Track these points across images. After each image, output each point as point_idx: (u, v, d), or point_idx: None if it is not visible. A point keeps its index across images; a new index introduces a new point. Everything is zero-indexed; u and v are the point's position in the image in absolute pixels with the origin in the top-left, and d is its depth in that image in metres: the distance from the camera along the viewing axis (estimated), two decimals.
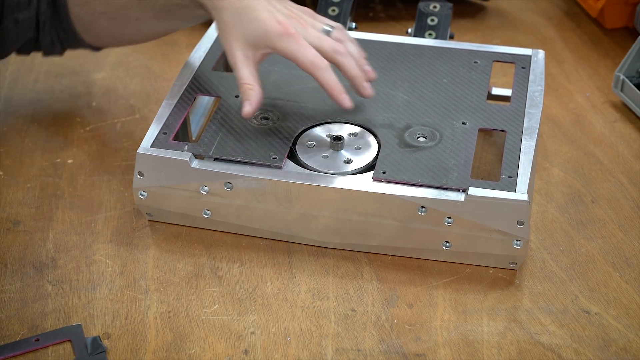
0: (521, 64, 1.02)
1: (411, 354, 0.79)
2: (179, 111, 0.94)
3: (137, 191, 0.90)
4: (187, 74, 1.00)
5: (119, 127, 1.08)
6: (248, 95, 0.88)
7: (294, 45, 0.86)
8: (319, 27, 0.90)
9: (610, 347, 0.79)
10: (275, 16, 0.87)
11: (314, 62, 0.86)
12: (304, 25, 0.88)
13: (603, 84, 1.16)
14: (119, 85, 1.17)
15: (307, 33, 0.87)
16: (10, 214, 0.95)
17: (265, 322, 0.82)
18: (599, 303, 0.83)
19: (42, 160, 1.02)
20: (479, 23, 1.31)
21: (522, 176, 0.85)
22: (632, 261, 0.88)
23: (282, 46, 0.86)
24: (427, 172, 0.86)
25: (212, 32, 1.07)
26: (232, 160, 0.88)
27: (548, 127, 1.08)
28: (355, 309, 0.83)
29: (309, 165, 0.89)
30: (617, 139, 1.06)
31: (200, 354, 0.79)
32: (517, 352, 0.79)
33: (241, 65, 0.88)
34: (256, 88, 0.88)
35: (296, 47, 0.86)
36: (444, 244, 0.86)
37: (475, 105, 0.96)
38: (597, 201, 0.96)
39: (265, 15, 0.86)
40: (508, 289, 0.85)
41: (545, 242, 0.91)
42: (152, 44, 1.26)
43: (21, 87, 1.16)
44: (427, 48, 1.05)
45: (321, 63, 0.86)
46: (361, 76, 0.90)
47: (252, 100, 0.88)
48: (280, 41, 0.86)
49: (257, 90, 0.88)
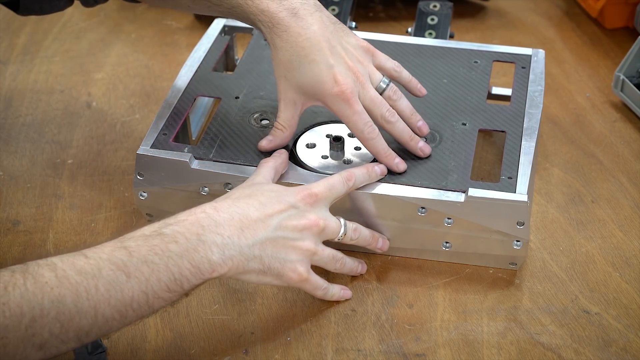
0: (521, 63, 1.02)
1: (411, 354, 0.79)
2: (179, 112, 0.94)
3: (137, 192, 0.90)
4: (187, 75, 1.00)
5: (119, 127, 1.08)
6: (276, 134, 0.88)
7: (347, 111, 0.84)
8: (377, 78, 0.87)
9: (610, 347, 0.79)
10: (334, 73, 0.83)
11: (364, 131, 0.85)
12: (362, 83, 0.85)
13: (603, 84, 1.16)
14: (119, 85, 1.17)
15: (363, 94, 0.85)
16: (10, 214, 0.95)
17: (265, 322, 0.82)
18: (599, 303, 0.83)
19: (42, 160, 1.02)
20: (479, 23, 1.31)
21: (522, 177, 0.85)
22: (632, 261, 0.88)
23: (335, 108, 0.85)
24: (427, 174, 0.86)
25: (212, 32, 1.07)
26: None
27: (548, 127, 1.08)
28: (355, 309, 0.83)
29: (308, 165, 0.89)
30: (617, 139, 1.06)
31: (200, 354, 0.79)
32: (517, 352, 0.79)
33: (285, 107, 0.87)
34: (287, 133, 0.88)
35: (350, 113, 0.84)
36: (444, 245, 0.86)
37: (475, 105, 0.96)
38: (597, 201, 0.96)
39: (325, 71, 0.83)
40: (508, 289, 0.85)
41: (545, 242, 0.91)
42: (152, 44, 1.26)
43: (21, 87, 1.16)
44: (427, 47, 1.05)
45: (371, 134, 0.85)
46: (411, 141, 0.88)
47: (274, 140, 0.88)
48: (334, 102, 0.84)
49: (286, 135, 0.88)
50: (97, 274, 0.67)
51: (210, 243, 0.72)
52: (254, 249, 0.75)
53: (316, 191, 0.80)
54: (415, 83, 0.92)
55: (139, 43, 1.26)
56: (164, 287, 0.70)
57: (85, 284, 0.66)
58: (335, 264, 0.82)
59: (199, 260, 0.71)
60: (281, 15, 0.83)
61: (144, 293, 0.69)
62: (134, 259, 0.69)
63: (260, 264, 0.75)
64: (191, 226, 0.72)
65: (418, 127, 0.90)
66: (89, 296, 0.66)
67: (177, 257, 0.70)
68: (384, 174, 0.85)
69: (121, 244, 0.70)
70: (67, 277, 0.66)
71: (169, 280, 0.70)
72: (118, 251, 0.69)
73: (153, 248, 0.70)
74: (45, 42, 1.26)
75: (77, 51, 1.24)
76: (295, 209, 0.78)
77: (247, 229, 0.75)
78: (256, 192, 0.78)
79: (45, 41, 1.26)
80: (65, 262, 0.67)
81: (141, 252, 0.70)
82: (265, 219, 0.76)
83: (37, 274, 0.65)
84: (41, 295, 0.65)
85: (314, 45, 0.83)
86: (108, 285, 0.67)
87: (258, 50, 1.05)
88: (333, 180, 0.82)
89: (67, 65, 1.21)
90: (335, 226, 0.80)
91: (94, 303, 0.67)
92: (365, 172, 0.84)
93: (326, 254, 0.80)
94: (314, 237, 0.79)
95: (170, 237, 0.71)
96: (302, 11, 0.84)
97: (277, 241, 0.76)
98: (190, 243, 0.71)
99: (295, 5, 0.84)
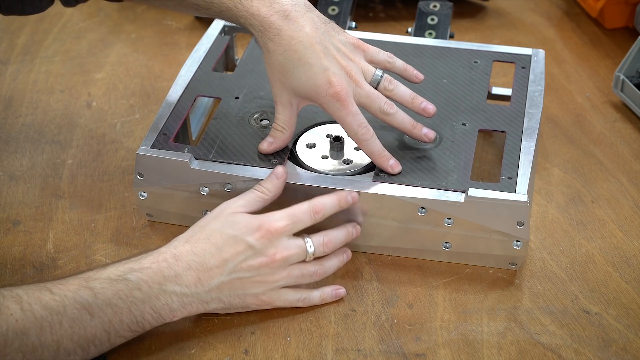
0: (521, 63, 1.02)
1: (411, 354, 0.79)
2: (179, 112, 0.94)
3: (137, 192, 0.90)
4: (187, 75, 1.00)
5: (119, 127, 1.08)
6: (275, 135, 0.88)
7: (342, 112, 0.84)
8: (370, 72, 0.87)
9: (610, 347, 0.79)
10: (328, 75, 0.83)
11: (358, 132, 0.85)
12: (356, 81, 0.85)
13: (603, 84, 1.16)
14: (119, 85, 1.17)
15: (357, 92, 0.85)
16: (10, 214, 0.95)
17: (265, 322, 0.82)
18: (599, 303, 0.83)
19: (42, 160, 1.02)
20: (479, 23, 1.31)
21: (522, 177, 0.85)
22: (632, 261, 0.88)
23: (330, 109, 0.85)
24: (427, 175, 0.86)
25: (212, 32, 1.07)
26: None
27: (548, 127, 1.08)
28: (355, 309, 0.83)
29: (308, 165, 0.89)
30: (617, 139, 1.06)
31: (200, 354, 0.79)
32: (517, 352, 0.79)
33: (282, 108, 0.87)
34: (286, 134, 0.88)
35: (344, 114, 0.84)
36: (444, 245, 0.86)
37: (475, 105, 0.96)
38: (597, 201, 0.96)
39: (319, 74, 0.83)
40: (508, 289, 0.85)
41: (545, 242, 0.91)
42: (152, 44, 1.26)
43: (21, 87, 1.16)
44: (427, 47, 1.05)
45: (365, 135, 0.85)
46: (414, 129, 0.88)
47: (275, 141, 0.88)
48: (329, 104, 0.84)
49: (286, 136, 0.88)
50: (62, 311, 0.71)
51: (170, 292, 0.76)
52: (211, 294, 0.78)
53: (276, 226, 0.79)
54: (410, 70, 0.91)
55: (139, 43, 1.26)
56: (126, 328, 0.75)
57: (49, 320, 0.70)
58: (311, 278, 0.82)
59: (160, 307, 0.76)
60: (272, 19, 0.83)
61: (106, 332, 0.73)
62: (99, 300, 0.73)
63: (220, 303, 0.79)
64: (154, 275, 0.76)
65: (422, 108, 0.89)
66: (52, 331, 0.70)
67: (139, 302, 0.75)
68: (355, 201, 0.84)
69: (86, 283, 0.74)
70: (32, 311, 0.70)
71: (131, 322, 0.75)
72: (83, 291, 0.73)
73: (118, 292, 0.74)
74: (45, 42, 1.26)
75: (77, 51, 1.24)
76: (252, 249, 0.79)
77: (204, 277, 0.78)
78: (215, 233, 0.79)
79: (45, 41, 1.26)
80: (31, 296, 0.70)
81: (106, 294, 0.73)
82: (221, 264, 0.78)
83: (2, 306, 0.69)
84: (5, 327, 0.68)
85: (307, 48, 0.83)
86: (72, 322, 0.71)
87: (258, 50, 1.05)
88: (299, 212, 0.81)
89: (67, 65, 1.21)
90: (298, 252, 0.80)
91: (57, 338, 0.70)
92: (336, 201, 0.83)
93: (294, 275, 0.81)
94: (275, 269, 0.80)
95: (134, 284, 0.75)
96: (293, 13, 0.83)
97: (234, 283, 0.79)
98: (152, 291, 0.75)
99: (287, 8, 0.83)
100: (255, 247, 0.78)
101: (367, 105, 0.86)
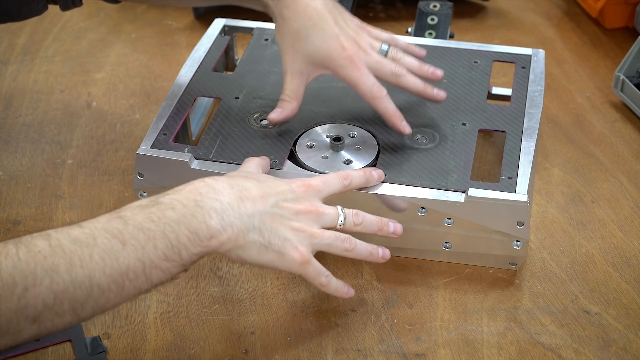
0: (521, 63, 1.02)
1: (411, 354, 0.79)
2: (179, 112, 0.94)
3: (137, 192, 0.90)
4: (187, 75, 1.00)
5: (119, 127, 1.08)
6: (283, 105, 0.90)
7: (356, 74, 0.88)
8: (377, 46, 0.91)
9: (610, 347, 0.79)
10: (341, 41, 0.87)
11: (373, 91, 0.88)
12: (365, 49, 0.89)
13: (603, 84, 1.16)
14: (119, 85, 1.17)
15: (368, 58, 0.89)
16: (10, 214, 0.95)
17: (265, 322, 0.82)
18: (599, 303, 0.83)
19: (42, 160, 1.02)
20: (479, 23, 1.31)
21: (522, 177, 0.85)
22: (632, 261, 0.88)
23: (344, 73, 0.88)
24: (427, 175, 0.86)
25: (212, 32, 1.07)
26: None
27: (548, 127, 1.08)
28: (355, 309, 0.83)
29: (308, 165, 0.89)
30: (617, 139, 1.06)
31: (200, 354, 0.79)
32: (517, 352, 0.79)
33: (292, 77, 0.89)
34: (294, 104, 0.90)
35: (358, 76, 0.88)
36: (444, 245, 0.86)
37: (475, 105, 0.96)
38: (597, 201, 0.96)
39: (332, 39, 0.87)
40: (508, 289, 0.85)
41: (545, 242, 0.91)
42: (152, 44, 1.26)
43: (21, 87, 1.16)
44: (427, 47, 1.04)
45: (380, 93, 0.88)
46: (426, 89, 0.92)
47: (283, 111, 0.90)
48: (343, 68, 0.88)
49: (294, 106, 0.90)
50: (92, 243, 0.65)
51: (209, 208, 0.70)
52: (253, 219, 0.73)
53: (311, 182, 0.80)
54: (413, 48, 0.96)
55: (139, 43, 1.26)
56: (161, 255, 0.67)
57: (79, 253, 0.64)
58: (342, 244, 0.78)
59: (197, 226, 0.69)
60: None
61: (140, 261, 0.66)
62: (130, 227, 0.67)
63: (260, 236, 0.73)
64: (189, 194, 0.71)
65: (431, 73, 0.93)
66: (83, 265, 0.64)
67: (174, 223, 0.68)
68: (381, 179, 0.85)
69: (117, 214, 0.68)
70: (61, 246, 0.64)
71: (166, 248, 0.68)
72: (114, 220, 0.67)
73: (149, 215, 0.68)
74: (45, 42, 1.26)
75: (77, 51, 1.24)
76: (292, 192, 0.77)
77: (247, 199, 0.73)
78: (252, 175, 0.78)
79: (45, 41, 1.26)
80: (60, 232, 0.65)
81: (137, 219, 0.68)
82: (264, 195, 0.75)
83: (30, 244, 0.64)
84: (34, 264, 0.62)
85: (320, 15, 0.87)
86: (103, 253, 0.65)
87: (258, 50, 1.05)
88: (329, 177, 0.82)
89: (67, 65, 1.21)
90: (332, 213, 0.79)
91: (89, 272, 0.64)
92: (362, 175, 0.84)
93: (327, 235, 0.77)
94: (311, 222, 0.77)
95: (167, 205, 0.69)
96: None
97: (275, 218, 0.75)
98: (187, 209, 0.69)
99: None
100: (295, 191, 0.77)
101: (378, 70, 0.89)
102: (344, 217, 0.79)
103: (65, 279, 0.63)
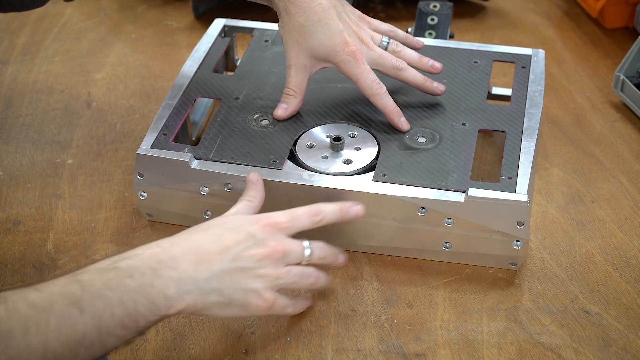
0: (521, 63, 1.02)
1: (411, 354, 0.79)
2: (179, 112, 0.94)
3: (137, 192, 0.90)
4: (187, 75, 1.00)
5: (119, 127, 1.08)
6: (288, 100, 0.93)
7: (357, 69, 0.90)
8: (378, 39, 0.94)
9: (610, 347, 0.79)
10: (344, 36, 0.90)
11: (373, 87, 0.91)
12: (368, 44, 0.92)
13: (603, 84, 1.16)
14: (119, 85, 1.17)
15: (370, 53, 0.92)
16: (10, 214, 0.95)
17: (265, 322, 0.82)
18: (599, 303, 0.83)
19: (42, 160, 1.02)
20: (479, 23, 1.31)
21: (522, 177, 0.85)
22: (632, 261, 0.88)
23: (346, 68, 0.90)
24: (427, 175, 0.86)
25: (212, 32, 1.07)
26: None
27: (548, 127, 1.08)
28: (355, 309, 0.83)
29: (308, 165, 0.89)
30: (617, 139, 1.06)
31: (200, 354, 0.79)
32: (517, 352, 0.79)
33: (295, 71, 0.92)
34: (298, 98, 0.93)
35: (359, 71, 0.90)
36: (444, 245, 0.86)
37: (475, 105, 0.96)
38: (597, 201, 0.96)
39: (336, 34, 0.89)
40: (508, 289, 0.85)
41: (545, 242, 0.91)
42: (152, 44, 1.26)
43: (21, 87, 1.16)
44: (427, 48, 1.05)
45: (380, 90, 0.91)
46: (426, 82, 0.94)
47: (289, 107, 0.93)
48: (345, 63, 0.90)
49: (298, 100, 0.93)
50: (48, 308, 0.64)
51: (166, 278, 0.70)
52: (211, 282, 0.72)
53: (277, 220, 0.77)
54: (411, 39, 0.99)
55: (139, 43, 1.26)
56: (118, 323, 0.67)
57: (35, 318, 0.63)
58: (307, 280, 0.78)
59: (155, 295, 0.68)
60: None
61: (97, 329, 0.66)
62: (87, 293, 0.66)
63: (220, 296, 0.72)
64: (147, 260, 0.70)
65: (430, 66, 0.96)
66: (38, 331, 0.63)
67: (132, 292, 0.68)
68: (358, 216, 0.81)
69: (74, 277, 0.67)
70: (17, 310, 0.63)
71: (123, 316, 0.67)
72: (71, 285, 0.66)
73: (107, 282, 0.67)
74: (45, 42, 1.26)
75: (77, 51, 1.24)
76: (253, 238, 0.75)
77: (203, 262, 0.72)
78: (213, 225, 0.76)
79: (45, 41, 1.26)
80: (17, 295, 0.64)
81: (95, 286, 0.67)
82: (222, 251, 0.73)
83: None
84: None
85: (325, 10, 0.89)
86: (59, 320, 0.64)
87: (258, 51, 1.05)
88: (298, 212, 0.79)
89: (67, 65, 1.21)
90: (298, 249, 0.77)
91: (44, 339, 0.63)
92: (338, 210, 0.80)
93: (293, 273, 0.76)
94: (275, 263, 0.75)
95: (125, 272, 0.68)
96: None
97: (235, 272, 0.73)
98: (145, 278, 0.69)
99: None
100: (256, 236, 0.75)
101: (380, 64, 0.92)
102: (310, 252, 0.78)
103: (20, 345, 0.63)
